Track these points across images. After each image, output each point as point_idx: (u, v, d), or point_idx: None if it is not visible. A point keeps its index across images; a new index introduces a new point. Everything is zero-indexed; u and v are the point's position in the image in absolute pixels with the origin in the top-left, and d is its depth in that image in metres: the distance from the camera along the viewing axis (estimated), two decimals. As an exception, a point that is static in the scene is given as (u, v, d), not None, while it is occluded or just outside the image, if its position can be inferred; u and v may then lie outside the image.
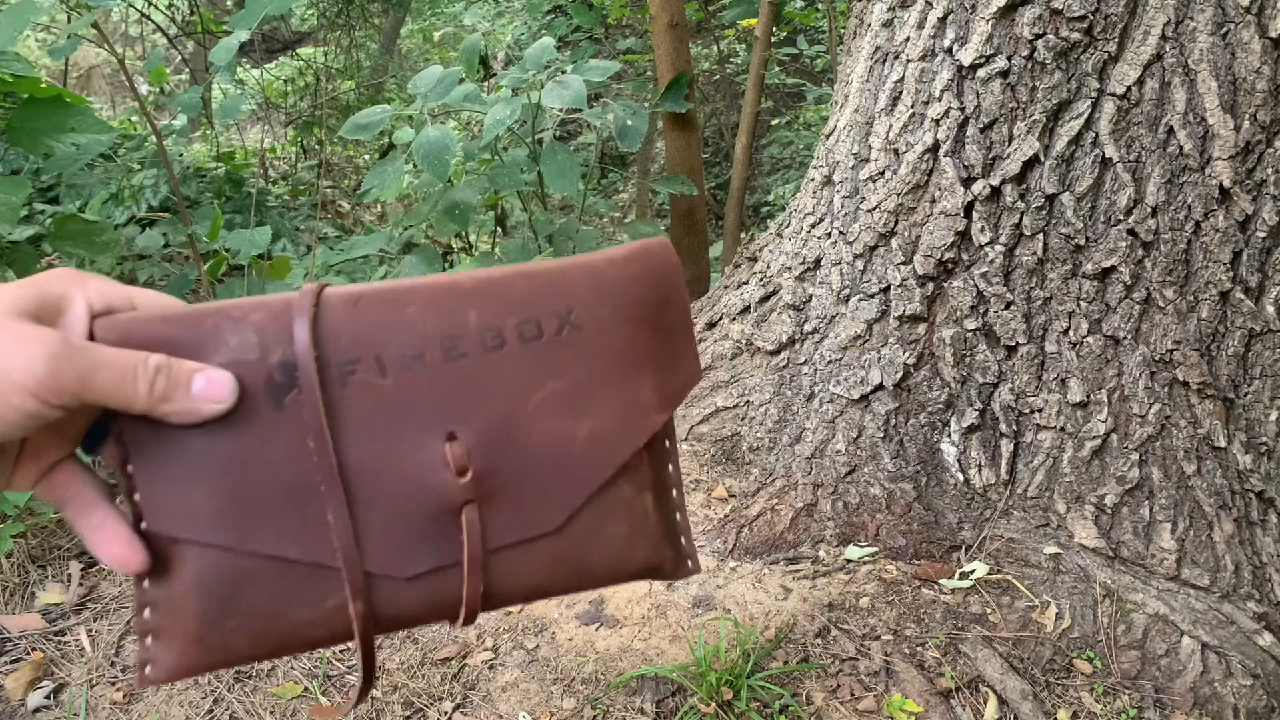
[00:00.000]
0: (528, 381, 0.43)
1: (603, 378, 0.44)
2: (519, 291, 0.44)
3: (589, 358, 0.44)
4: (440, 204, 3.16)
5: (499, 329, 0.43)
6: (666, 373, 0.46)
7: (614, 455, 0.44)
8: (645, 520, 0.46)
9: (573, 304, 0.44)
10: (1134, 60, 1.55)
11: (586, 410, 0.44)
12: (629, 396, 0.45)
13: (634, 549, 0.45)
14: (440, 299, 0.43)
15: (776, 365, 1.97)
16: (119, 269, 3.55)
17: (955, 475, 1.76)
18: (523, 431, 0.43)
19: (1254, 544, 1.63)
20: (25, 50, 7.73)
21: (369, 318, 0.42)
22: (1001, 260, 1.68)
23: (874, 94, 1.85)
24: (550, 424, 0.43)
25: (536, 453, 0.43)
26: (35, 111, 2.23)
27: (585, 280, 0.45)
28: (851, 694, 1.45)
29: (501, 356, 0.43)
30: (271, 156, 6.27)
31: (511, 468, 0.43)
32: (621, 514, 0.45)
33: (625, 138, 2.94)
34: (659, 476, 0.47)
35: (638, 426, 0.45)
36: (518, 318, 0.43)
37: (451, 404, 0.42)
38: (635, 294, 0.46)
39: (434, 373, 0.42)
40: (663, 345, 0.46)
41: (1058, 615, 1.58)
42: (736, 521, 1.81)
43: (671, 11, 3.42)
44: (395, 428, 0.41)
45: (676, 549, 0.48)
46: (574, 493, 0.44)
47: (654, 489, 0.46)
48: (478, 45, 3.23)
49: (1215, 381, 1.61)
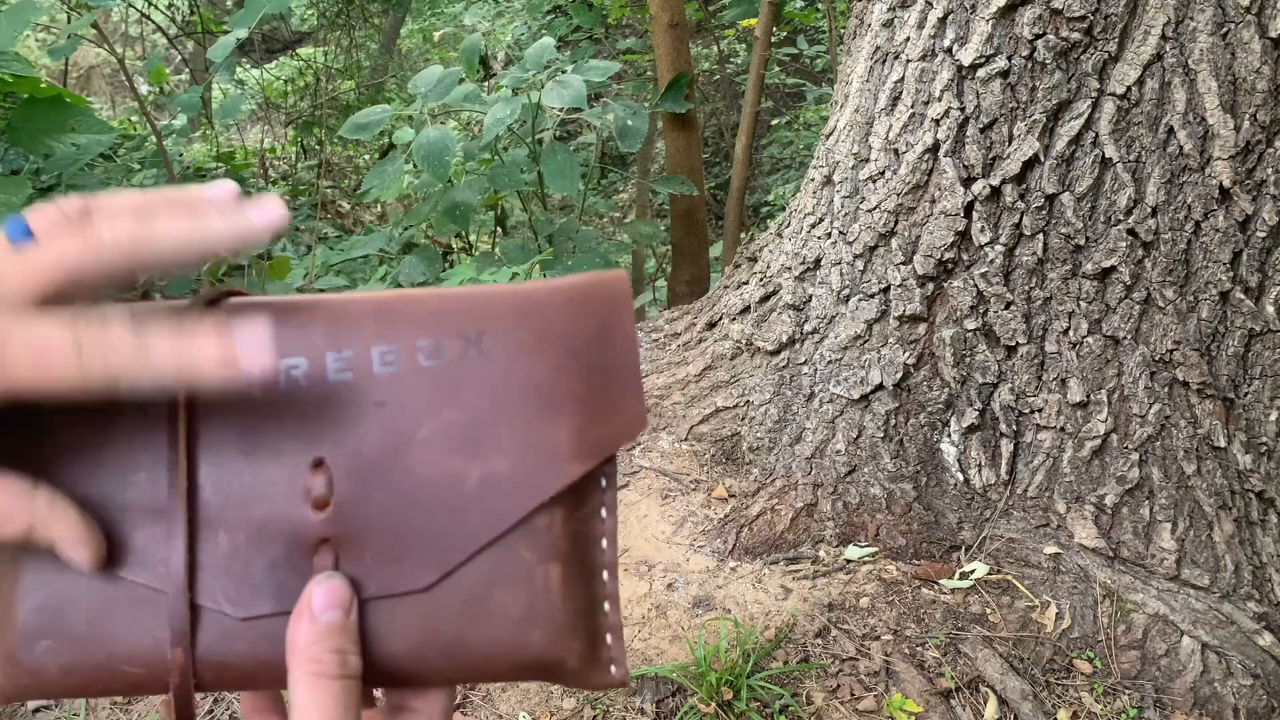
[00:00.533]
0: (418, 408, 0.37)
1: (510, 412, 0.38)
2: (428, 309, 0.38)
3: (495, 387, 0.38)
4: (440, 204, 3.16)
5: (396, 347, 0.37)
6: (594, 417, 0.38)
7: (513, 506, 0.37)
8: (547, 598, 0.37)
9: (486, 325, 0.38)
10: (1134, 60, 1.55)
11: (484, 448, 0.37)
12: (539, 437, 0.38)
13: (527, 632, 0.37)
14: (336, 311, 0.38)
15: (776, 365, 1.97)
16: (119, 269, 3.55)
17: (955, 475, 1.76)
18: (403, 467, 0.37)
19: (1254, 544, 1.63)
20: (25, 50, 7.73)
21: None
22: (1001, 260, 1.68)
23: (874, 94, 1.85)
24: (437, 461, 0.37)
25: (416, 493, 0.37)
26: (35, 111, 2.23)
27: (509, 303, 0.39)
28: (851, 694, 1.45)
29: (392, 377, 0.37)
30: (271, 156, 6.28)
31: (382, 507, 0.37)
32: (515, 585, 0.37)
33: (625, 138, 2.94)
34: (578, 549, 0.38)
35: (545, 475, 0.37)
36: (420, 337, 0.38)
37: (324, 426, 0.37)
38: (567, 323, 0.39)
39: (311, 389, 0.37)
40: (594, 385, 0.39)
41: (1058, 615, 1.58)
42: (736, 521, 1.81)
43: (671, 11, 3.42)
44: (260, 448, 0.36)
45: (591, 645, 0.38)
46: (456, 546, 0.37)
47: (565, 561, 0.38)
48: (478, 45, 3.23)
49: (1215, 381, 1.61)
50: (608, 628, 0.39)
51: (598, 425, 0.38)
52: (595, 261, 3.01)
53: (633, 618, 1.59)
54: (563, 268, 3.00)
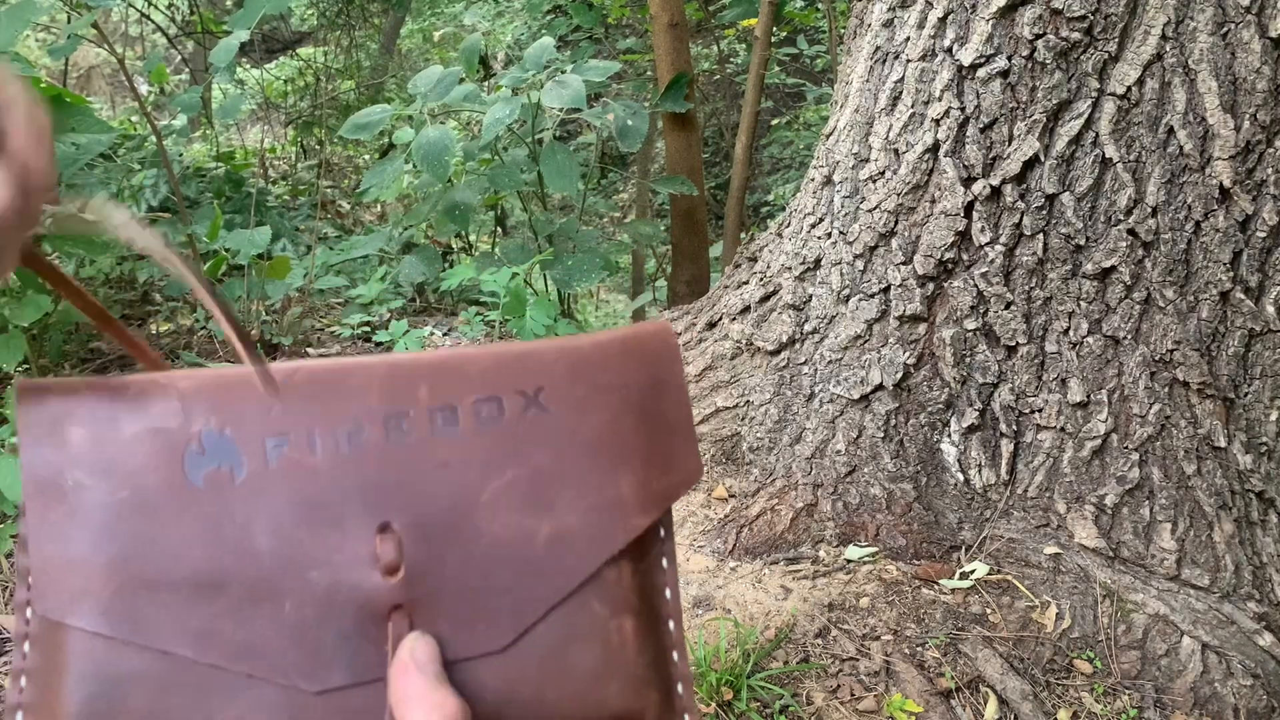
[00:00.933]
0: (482, 469, 0.37)
1: (573, 468, 0.38)
2: (482, 366, 0.38)
3: (557, 444, 0.38)
4: (440, 204, 3.16)
5: (453, 407, 0.37)
6: (655, 469, 0.39)
7: (582, 561, 0.37)
8: (621, 651, 0.37)
9: (543, 381, 0.38)
10: (1134, 60, 1.55)
11: (550, 505, 0.37)
12: (604, 492, 0.38)
13: (605, 686, 0.37)
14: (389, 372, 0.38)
15: (776, 365, 1.97)
16: (119, 269, 3.55)
17: (955, 475, 1.76)
18: (471, 527, 0.36)
19: (1254, 544, 1.63)
20: (25, 50, 7.73)
21: (307, 389, 0.37)
22: (1001, 260, 1.68)
23: (874, 94, 1.85)
24: (505, 520, 0.37)
25: (486, 553, 0.36)
26: (35, 111, 2.23)
27: (561, 357, 0.39)
28: (851, 694, 1.45)
29: (453, 439, 0.37)
30: (271, 156, 6.28)
31: (454, 569, 0.36)
32: (591, 640, 0.37)
33: (625, 138, 2.94)
34: (646, 600, 0.38)
35: (613, 529, 0.37)
36: (477, 395, 0.38)
37: (389, 490, 0.36)
38: (620, 375, 0.39)
39: (372, 453, 0.36)
40: (651, 437, 0.39)
41: (1058, 615, 1.58)
42: (736, 521, 1.81)
43: (671, 11, 3.42)
44: (323, 513, 0.36)
45: (666, 695, 0.38)
46: (530, 605, 0.36)
47: (636, 614, 0.38)
48: (478, 45, 3.23)
49: (1215, 381, 1.61)
50: (679, 677, 0.39)
51: (658, 477, 0.39)
52: (595, 261, 3.01)
53: (633, 618, 1.59)
54: (563, 267, 3.00)
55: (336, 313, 3.86)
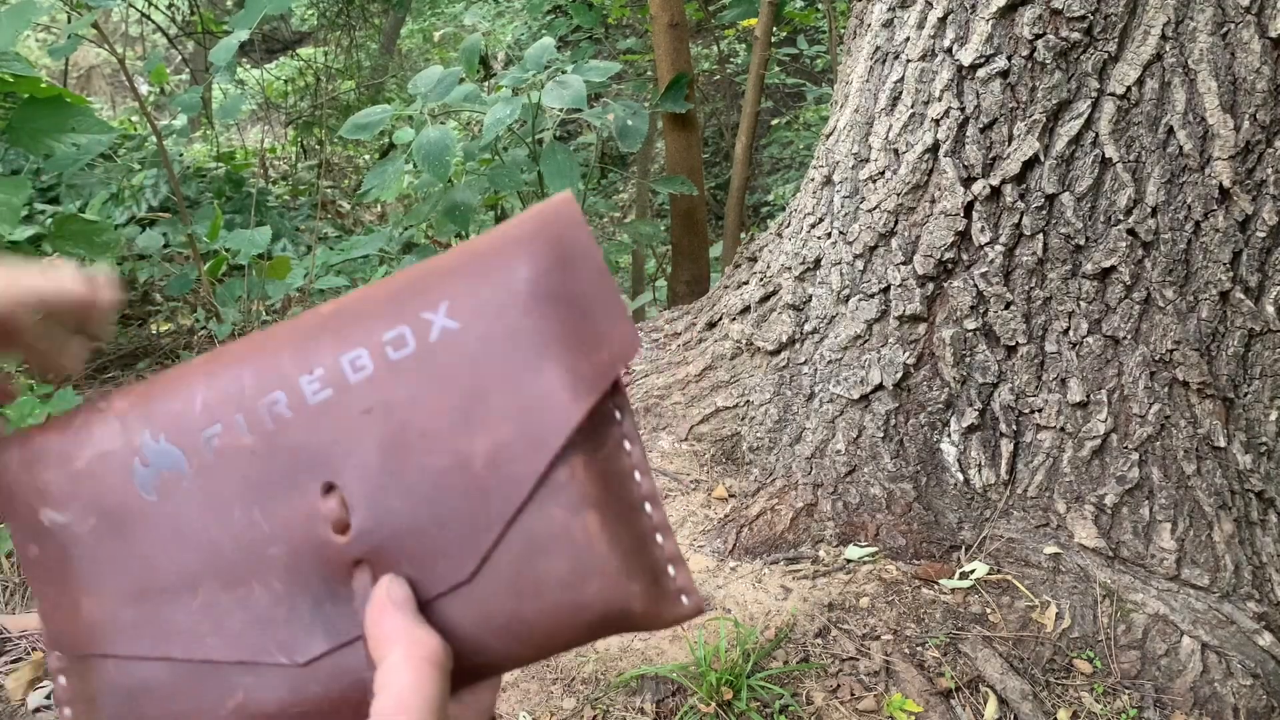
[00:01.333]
0: (405, 403, 0.36)
1: (495, 377, 0.36)
2: (379, 301, 0.37)
3: (472, 356, 0.36)
4: (440, 204, 3.16)
5: (362, 349, 0.36)
6: (582, 350, 0.37)
7: (526, 469, 0.35)
8: (592, 549, 0.35)
9: (444, 296, 0.37)
10: (1134, 60, 1.55)
11: (480, 422, 0.36)
12: (531, 391, 0.36)
13: (581, 588, 0.35)
14: (294, 334, 0.37)
15: (776, 365, 1.97)
16: (119, 269, 3.55)
17: (955, 475, 1.76)
18: (409, 466, 0.36)
19: (1254, 544, 1.63)
20: (25, 50, 7.73)
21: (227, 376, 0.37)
22: (1001, 260, 1.68)
23: (874, 94, 1.85)
24: (440, 449, 0.36)
25: (430, 488, 0.35)
26: (35, 111, 2.23)
27: (456, 267, 0.37)
28: (851, 694, 1.45)
29: (368, 380, 0.36)
30: (271, 156, 6.28)
31: (403, 512, 0.35)
32: (555, 545, 0.35)
33: (625, 138, 2.94)
34: (610, 489, 0.37)
35: (548, 425, 0.35)
36: (381, 333, 0.36)
37: (324, 450, 0.36)
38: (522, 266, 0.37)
39: (298, 419, 0.36)
40: (570, 319, 0.37)
41: (1058, 615, 1.58)
42: (736, 521, 1.81)
43: (671, 11, 3.42)
44: (269, 490, 0.36)
45: (653, 581, 0.36)
46: (484, 528, 0.35)
47: (600, 506, 0.36)
48: (478, 45, 3.23)
49: (1215, 381, 1.61)
50: (666, 559, 0.37)
51: (586, 357, 0.37)
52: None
53: (633, 618, 1.59)
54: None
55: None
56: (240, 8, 2.97)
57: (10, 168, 3.62)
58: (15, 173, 3.55)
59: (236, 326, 3.06)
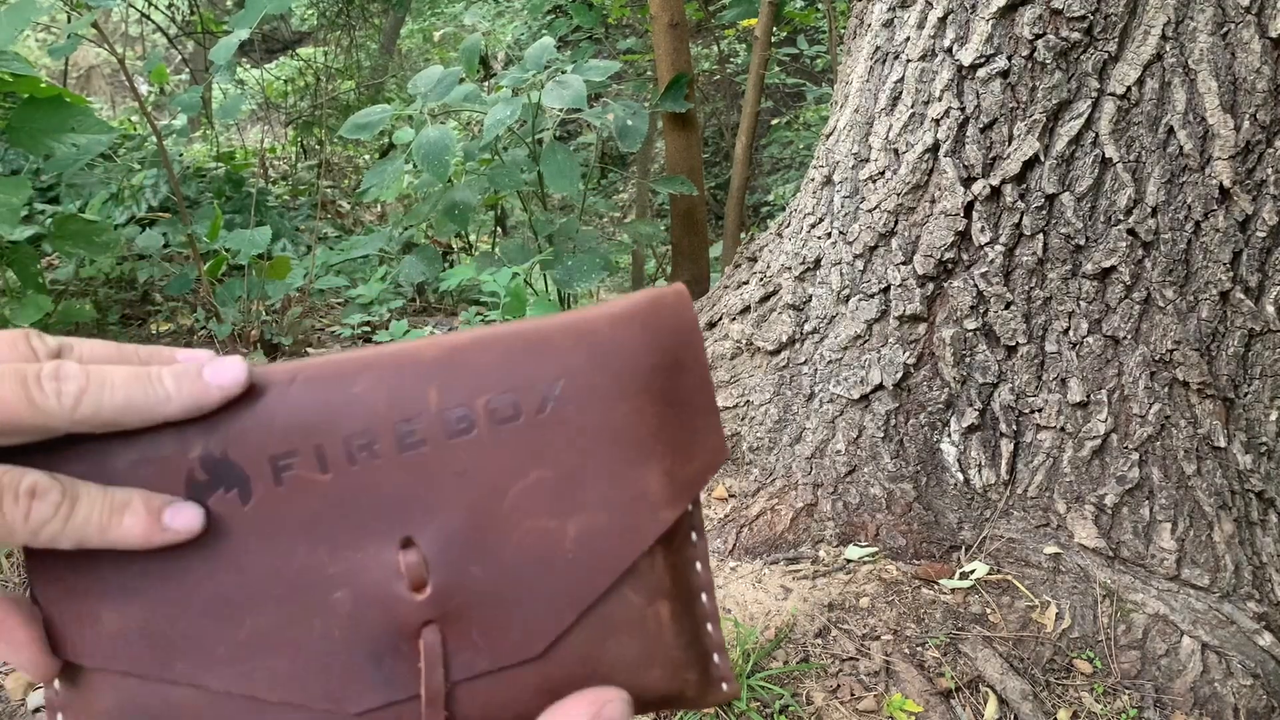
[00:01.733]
0: (502, 472, 0.35)
1: (597, 464, 0.36)
2: (492, 361, 0.36)
3: (579, 440, 0.36)
4: (440, 204, 3.16)
5: (466, 408, 0.35)
6: (681, 455, 0.37)
7: (612, 560, 0.36)
8: (660, 637, 0.37)
9: (559, 374, 0.36)
10: (1134, 60, 1.55)
11: (576, 505, 0.36)
12: (631, 487, 0.36)
13: (646, 674, 0.36)
14: (394, 374, 0.36)
15: (776, 365, 1.97)
16: (119, 269, 3.55)
17: (955, 475, 1.76)
18: (496, 535, 0.35)
19: (1254, 544, 1.63)
20: (25, 50, 7.73)
21: (308, 399, 0.35)
22: (1001, 260, 1.68)
23: (874, 94, 1.85)
24: (531, 524, 0.36)
25: (514, 560, 0.35)
26: (35, 111, 2.23)
27: (575, 344, 0.37)
28: (851, 694, 1.45)
29: (470, 443, 0.35)
30: (271, 156, 6.28)
31: (482, 580, 0.35)
32: (628, 631, 0.36)
33: (625, 138, 2.94)
34: (680, 581, 0.38)
35: (643, 524, 0.36)
36: (490, 394, 0.36)
37: (407, 503, 0.35)
38: (639, 360, 0.37)
39: (386, 465, 0.35)
40: (675, 422, 0.37)
41: (1058, 615, 1.58)
42: (736, 521, 1.81)
43: (671, 11, 3.42)
44: (341, 533, 0.35)
45: (704, 671, 0.38)
46: (563, 608, 0.35)
47: (672, 598, 0.37)
48: (478, 45, 3.24)
49: (1215, 381, 1.61)
50: (713, 647, 0.38)
51: (684, 463, 0.37)
52: (595, 262, 3.01)
53: (633, 618, 1.59)
54: (563, 267, 3.00)
55: (336, 313, 3.86)
56: (240, 8, 2.97)
57: (10, 168, 3.62)
58: (15, 173, 3.55)
59: (236, 326, 3.06)
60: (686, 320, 0.38)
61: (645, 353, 0.37)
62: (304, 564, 0.34)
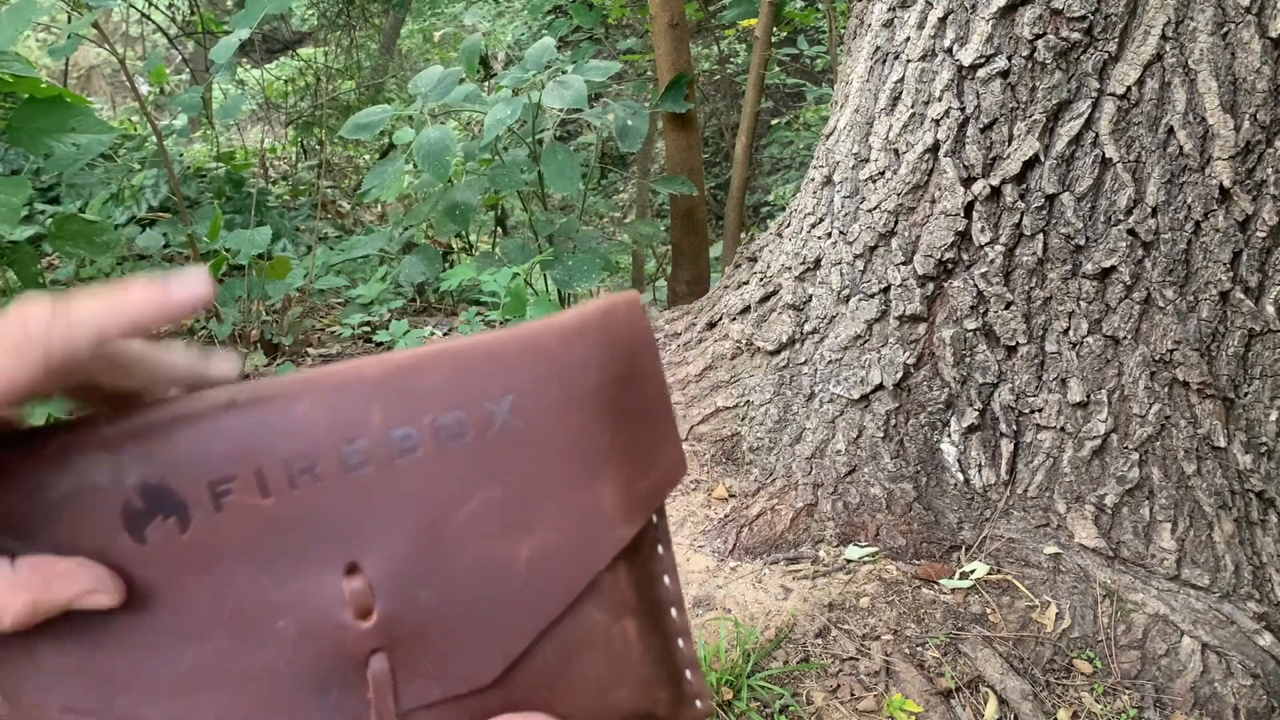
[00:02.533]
0: (450, 493, 0.34)
1: (549, 481, 0.35)
2: (437, 379, 0.35)
3: (530, 457, 0.35)
4: (440, 204, 3.16)
5: (411, 428, 0.34)
6: (637, 469, 0.36)
7: (568, 581, 0.35)
8: (627, 655, 0.35)
9: (507, 390, 0.35)
10: (1134, 60, 1.55)
11: (528, 524, 0.34)
12: (585, 504, 0.35)
13: (614, 694, 0.35)
14: (336, 395, 0.34)
15: (776, 365, 1.97)
16: (119, 269, 3.55)
17: (955, 475, 1.76)
18: (445, 558, 0.34)
19: (1254, 544, 1.63)
20: (25, 50, 7.73)
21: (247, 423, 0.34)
22: (1001, 260, 1.68)
23: (874, 94, 1.85)
24: (480, 547, 0.34)
25: (464, 584, 0.34)
26: (35, 111, 2.23)
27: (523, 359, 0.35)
28: (851, 694, 1.45)
29: (415, 463, 0.34)
30: (271, 156, 6.28)
31: (432, 605, 0.34)
32: (593, 650, 0.35)
33: (625, 138, 2.94)
34: (646, 596, 0.36)
35: (599, 541, 0.35)
36: (436, 412, 0.34)
37: (351, 527, 0.33)
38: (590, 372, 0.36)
39: (328, 488, 0.33)
40: (630, 435, 0.36)
41: (1058, 615, 1.58)
42: (736, 521, 1.81)
43: (671, 11, 3.42)
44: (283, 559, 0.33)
45: (676, 688, 0.37)
46: (516, 633, 0.34)
47: (639, 614, 0.36)
48: (478, 45, 3.24)
49: (1215, 381, 1.61)
50: (685, 663, 0.37)
51: (641, 478, 0.36)
52: (595, 261, 3.01)
53: (633, 618, 1.59)
54: (563, 267, 3.00)
55: (337, 313, 3.86)
56: (240, 8, 2.97)
57: (10, 168, 3.62)
58: (15, 173, 3.55)
59: (236, 326, 3.06)
60: (640, 330, 0.37)
61: (597, 365, 0.36)
62: (246, 592, 0.33)
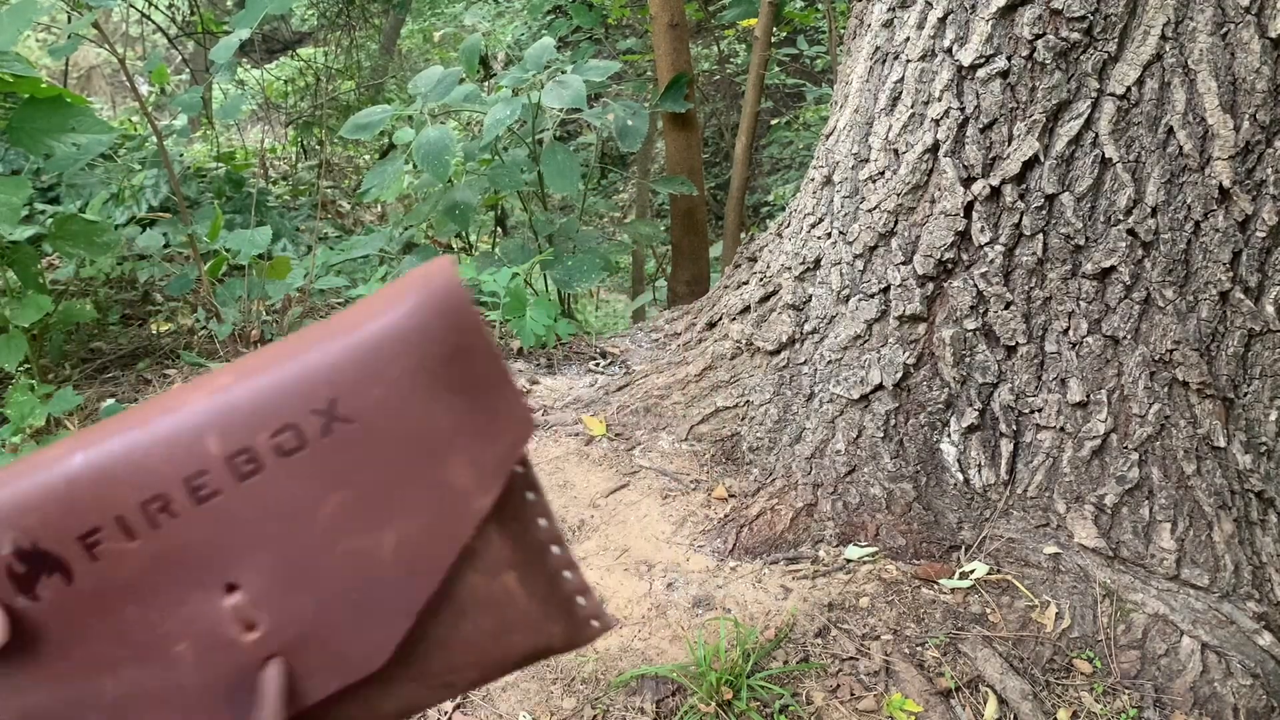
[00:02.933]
0: (303, 502, 0.35)
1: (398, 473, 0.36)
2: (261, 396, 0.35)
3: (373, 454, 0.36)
4: (440, 204, 3.16)
5: (249, 449, 0.35)
6: (482, 439, 0.37)
7: (436, 558, 0.36)
8: (513, 605, 0.38)
9: (331, 392, 0.35)
10: (1134, 60, 1.55)
11: (386, 516, 0.36)
12: (437, 486, 0.36)
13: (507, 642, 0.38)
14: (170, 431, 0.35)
15: (776, 365, 1.97)
16: (119, 269, 3.55)
17: (955, 475, 1.76)
18: (314, 562, 0.36)
19: (1254, 544, 1.63)
20: (25, 50, 7.73)
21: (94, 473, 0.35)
22: (1001, 260, 1.68)
23: (874, 94, 1.85)
24: (346, 544, 0.36)
25: (338, 582, 0.36)
26: (36, 111, 2.23)
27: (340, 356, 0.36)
28: (851, 694, 1.45)
29: (262, 482, 0.35)
30: (271, 156, 6.28)
31: (312, 607, 0.36)
32: (478, 610, 0.37)
33: (625, 138, 2.94)
34: (522, 546, 0.38)
35: (458, 516, 0.36)
36: (268, 429, 0.35)
37: (220, 551, 0.35)
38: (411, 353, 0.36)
39: (188, 520, 0.35)
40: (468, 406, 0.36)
41: (1058, 615, 1.58)
42: (736, 521, 1.81)
43: (671, 11, 3.42)
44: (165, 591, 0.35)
45: (569, 619, 0.39)
46: (396, 616, 0.36)
47: (516, 565, 0.38)
48: (478, 45, 3.24)
49: (1215, 381, 1.61)
50: (574, 592, 0.39)
51: (488, 447, 0.37)
52: (595, 262, 3.01)
53: (632, 617, 1.59)
54: (563, 267, 3.00)
55: (337, 312, 3.85)
56: (240, 8, 2.97)
57: (10, 168, 3.62)
58: (15, 173, 3.55)
59: (236, 326, 3.06)
60: (457, 298, 0.36)
61: (417, 344, 0.36)
62: (140, 625, 0.35)
